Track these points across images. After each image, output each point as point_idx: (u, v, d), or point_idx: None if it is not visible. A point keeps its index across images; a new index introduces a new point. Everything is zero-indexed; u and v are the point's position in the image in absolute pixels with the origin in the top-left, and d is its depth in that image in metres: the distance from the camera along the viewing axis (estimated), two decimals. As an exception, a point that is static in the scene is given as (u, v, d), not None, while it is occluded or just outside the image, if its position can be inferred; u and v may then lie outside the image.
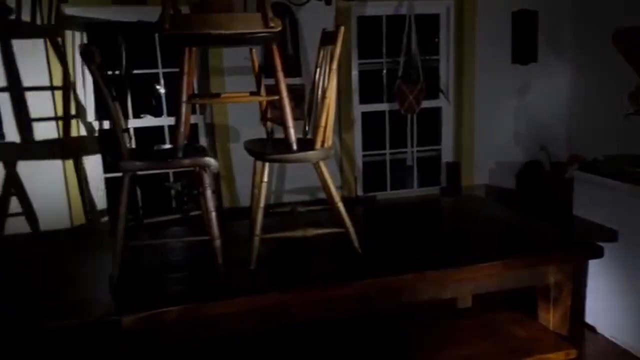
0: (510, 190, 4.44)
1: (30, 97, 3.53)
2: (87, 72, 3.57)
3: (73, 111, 3.63)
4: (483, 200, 3.94)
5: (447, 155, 4.49)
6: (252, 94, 2.61)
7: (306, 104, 2.98)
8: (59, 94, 3.57)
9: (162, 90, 4.06)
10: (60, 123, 3.60)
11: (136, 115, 3.92)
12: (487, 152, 4.43)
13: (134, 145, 3.36)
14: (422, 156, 4.54)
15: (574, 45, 4.35)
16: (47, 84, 3.53)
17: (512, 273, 2.44)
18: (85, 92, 3.73)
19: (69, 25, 3.56)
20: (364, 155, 4.37)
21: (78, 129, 3.69)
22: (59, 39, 3.51)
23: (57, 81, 3.55)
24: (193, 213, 2.79)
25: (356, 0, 3.69)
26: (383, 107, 4.37)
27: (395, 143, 4.45)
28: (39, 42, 3.47)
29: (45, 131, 3.58)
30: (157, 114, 4.05)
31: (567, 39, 4.38)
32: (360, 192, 4.32)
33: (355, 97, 4.22)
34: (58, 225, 3.64)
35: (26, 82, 3.50)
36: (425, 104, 4.25)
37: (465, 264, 2.36)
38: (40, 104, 3.55)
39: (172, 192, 4.08)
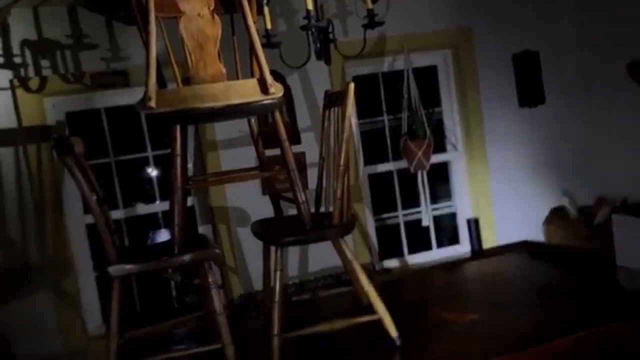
0: (543, 244, 4.07)
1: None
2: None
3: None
4: (520, 259, 3.58)
5: (464, 211, 4.17)
6: (254, 169, 2.31)
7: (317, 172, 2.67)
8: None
9: (153, 174, 3.78)
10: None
11: (127, 205, 3.60)
12: (508, 202, 4.11)
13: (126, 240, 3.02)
14: (438, 214, 4.21)
15: (584, 82, 4.13)
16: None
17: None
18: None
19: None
20: (375, 220, 4.03)
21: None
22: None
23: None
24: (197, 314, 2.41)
25: (350, 59, 3.48)
26: (390, 166, 4.09)
27: (408, 203, 4.13)
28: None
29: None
30: (150, 199, 3.74)
31: (575, 76, 4.17)
32: (376, 263, 3.94)
33: (360, 159, 3.94)
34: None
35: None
36: (434, 158, 3.97)
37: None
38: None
39: (172, 283, 3.72)
